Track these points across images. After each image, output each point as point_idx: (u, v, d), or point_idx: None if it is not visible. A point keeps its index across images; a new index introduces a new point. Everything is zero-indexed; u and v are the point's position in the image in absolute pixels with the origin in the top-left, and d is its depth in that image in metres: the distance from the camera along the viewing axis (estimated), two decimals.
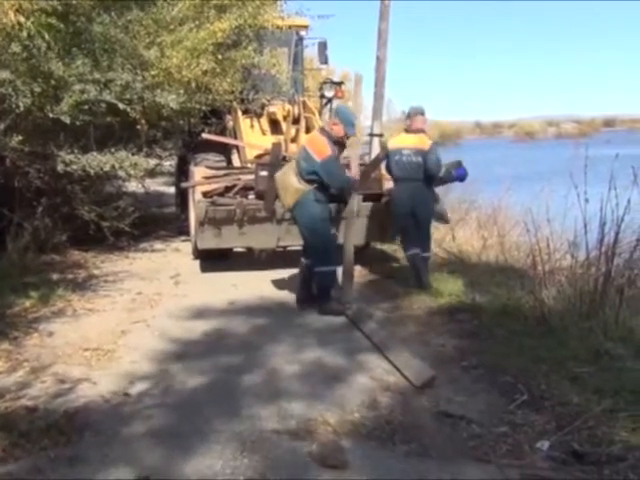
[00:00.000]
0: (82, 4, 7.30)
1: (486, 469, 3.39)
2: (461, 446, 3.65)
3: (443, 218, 7.99)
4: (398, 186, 7.23)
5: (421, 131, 7.28)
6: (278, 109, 9.40)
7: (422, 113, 7.45)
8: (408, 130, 7.36)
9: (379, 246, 9.18)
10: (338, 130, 6.27)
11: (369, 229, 7.92)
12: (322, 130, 6.49)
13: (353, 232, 7.04)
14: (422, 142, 7.14)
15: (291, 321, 6.07)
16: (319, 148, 6.18)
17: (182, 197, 10.03)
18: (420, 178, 7.03)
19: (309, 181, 6.16)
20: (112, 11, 7.77)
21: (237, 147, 9.45)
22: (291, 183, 6.18)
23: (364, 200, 7.69)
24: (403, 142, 7.26)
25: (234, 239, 7.65)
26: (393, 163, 7.21)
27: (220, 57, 8.78)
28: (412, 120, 7.36)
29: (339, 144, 6.35)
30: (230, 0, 8.87)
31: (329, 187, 6.24)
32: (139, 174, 8.46)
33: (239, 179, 7.91)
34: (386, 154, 7.40)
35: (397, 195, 7.24)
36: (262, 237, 7.55)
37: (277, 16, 10.06)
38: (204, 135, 8.89)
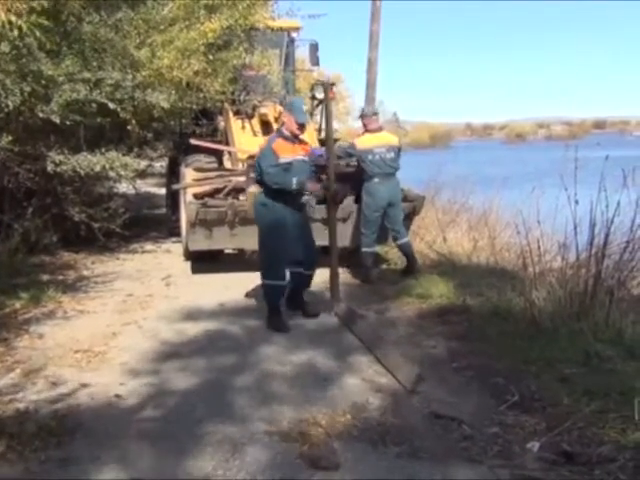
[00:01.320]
0: (72, 4, 7.28)
1: (477, 470, 3.40)
2: (452, 447, 3.66)
3: None
4: (375, 183, 7.52)
5: (381, 129, 7.89)
6: (269, 110, 9.40)
7: (376, 113, 8.12)
8: (370, 130, 7.73)
9: None
10: (289, 122, 5.94)
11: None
12: (276, 130, 6.36)
13: (345, 234, 7.05)
14: (390, 139, 7.81)
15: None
16: (261, 147, 6.13)
17: (173, 198, 10.01)
18: (394, 171, 7.63)
19: (258, 183, 6.05)
20: (102, 10, 7.74)
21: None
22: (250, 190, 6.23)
23: (356, 202, 7.72)
24: (372, 141, 7.62)
25: (225, 240, 7.65)
26: (368, 162, 7.50)
27: (211, 57, 8.77)
28: (369, 121, 7.78)
29: (295, 138, 5.99)
30: (220, 0, 8.84)
31: (269, 186, 5.83)
32: (130, 175, 8.44)
33: (230, 180, 7.91)
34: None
35: (376, 191, 7.52)
36: (253, 238, 7.51)
37: (268, 17, 10.06)
38: (192, 141, 8.90)
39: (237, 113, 9.55)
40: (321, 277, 6.63)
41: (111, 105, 7.57)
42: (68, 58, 7.28)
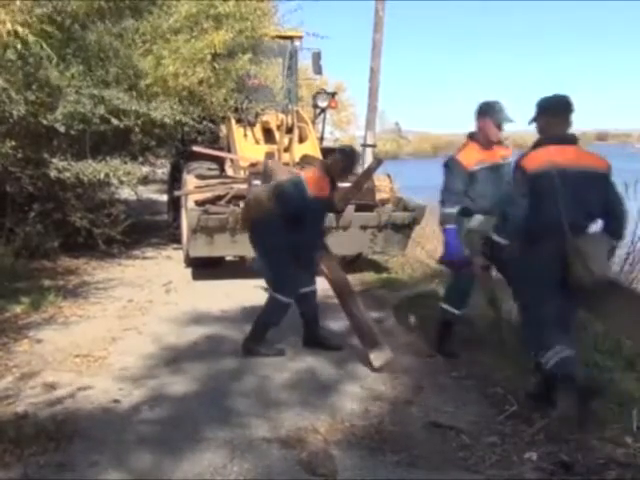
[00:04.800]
0: (77, 12, 7.32)
1: (475, 479, 3.40)
2: (450, 456, 3.66)
3: None
4: None
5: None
6: (272, 118, 9.43)
7: None
8: None
9: (370, 256, 9.20)
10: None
11: (361, 240, 7.96)
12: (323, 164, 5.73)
13: (345, 243, 7.06)
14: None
15: (282, 329, 6.05)
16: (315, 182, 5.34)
17: (174, 205, 10.03)
18: None
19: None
20: (107, 19, 7.77)
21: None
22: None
23: (356, 210, 7.73)
24: None
25: (226, 247, 7.66)
26: None
27: (216, 66, 8.80)
28: None
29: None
30: (229, 10, 8.85)
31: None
32: (132, 182, 8.46)
33: (232, 188, 7.93)
34: (379, 164, 7.44)
35: None
36: None
37: (274, 29, 10.13)
38: (194, 147, 8.92)
39: (239, 121, 9.58)
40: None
41: (114, 121, 7.60)
42: (73, 66, 7.31)
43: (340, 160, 5.44)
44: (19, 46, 6.35)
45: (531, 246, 4.03)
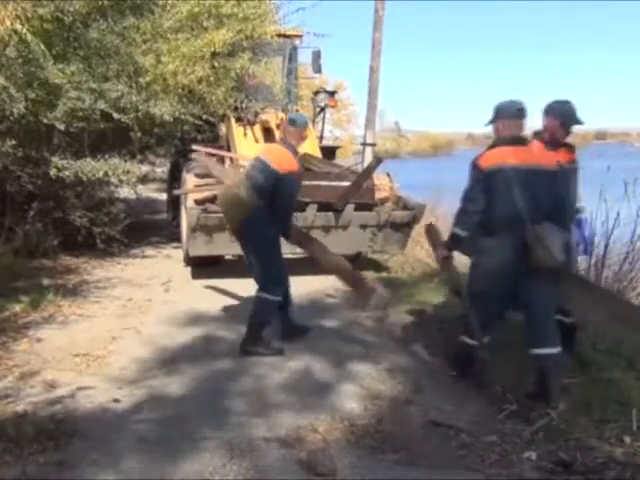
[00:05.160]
0: (79, 11, 7.31)
1: (474, 478, 3.41)
2: (450, 455, 3.67)
3: None
4: None
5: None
6: (271, 117, 9.43)
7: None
8: None
9: (370, 255, 9.20)
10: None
11: (361, 239, 7.96)
12: (283, 141, 5.54)
13: (345, 242, 7.04)
14: None
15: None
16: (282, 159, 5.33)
17: (174, 204, 10.02)
18: None
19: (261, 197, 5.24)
20: (108, 17, 7.77)
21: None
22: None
23: (356, 210, 7.73)
24: None
25: (225, 246, 7.65)
26: None
27: (216, 64, 8.79)
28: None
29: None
30: (230, 10, 8.85)
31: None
32: (132, 180, 8.46)
33: None
34: (378, 163, 7.44)
35: None
36: None
37: (275, 29, 10.11)
38: (194, 147, 8.91)
39: (239, 120, 9.58)
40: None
41: (115, 115, 7.60)
42: (73, 64, 7.31)
43: (290, 126, 5.47)
44: (20, 42, 6.34)
45: (489, 237, 4.36)
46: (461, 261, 5.24)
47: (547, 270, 4.22)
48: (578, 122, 4.87)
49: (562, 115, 4.82)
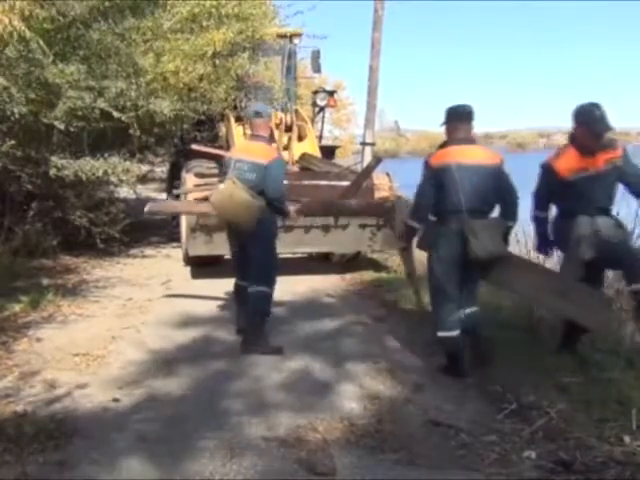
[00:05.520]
0: (81, 13, 7.31)
1: (474, 477, 3.40)
2: (449, 454, 3.66)
3: None
4: None
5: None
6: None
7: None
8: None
9: (370, 255, 9.20)
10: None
11: (360, 238, 7.96)
12: (255, 137, 5.59)
13: (344, 242, 7.03)
14: None
15: (279, 328, 6.07)
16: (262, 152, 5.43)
17: None
18: None
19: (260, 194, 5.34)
20: (109, 18, 7.77)
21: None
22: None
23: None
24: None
25: (225, 246, 7.63)
26: None
27: (217, 62, 8.80)
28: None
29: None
30: (230, 11, 8.85)
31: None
32: (131, 180, 8.46)
33: None
34: (378, 162, 7.45)
35: None
36: None
37: (275, 30, 10.13)
38: (193, 146, 8.92)
39: (238, 119, 9.59)
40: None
41: (115, 114, 7.60)
42: (73, 64, 7.30)
43: (257, 119, 5.58)
44: (19, 41, 6.34)
45: (440, 228, 4.80)
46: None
47: (479, 260, 4.63)
48: (605, 128, 4.70)
49: (586, 121, 4.69)
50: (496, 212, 4.96)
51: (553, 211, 5.11)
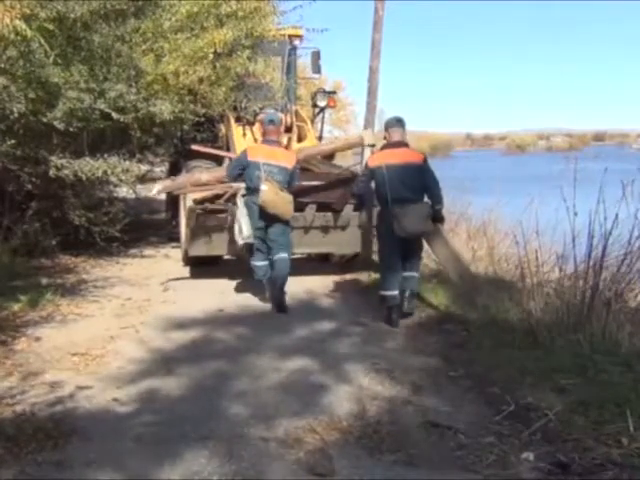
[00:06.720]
0: (83, 15, 7.30)
1: (472, 478, 3.41)
2: (448, 455, 3.67)
3: None
4: None
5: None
6: None
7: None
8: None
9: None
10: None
11: (359, 239, 7.96)
12: (268, 141, 6.95)
13: (344, 242, 7.01)
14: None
15: (279, 328, 6.08)
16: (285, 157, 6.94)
17: (173, 204, 10.02)
18: None
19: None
20: (110, 21, 7.75)
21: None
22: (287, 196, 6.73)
23: (355, 210, 7.73)
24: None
25: (224, 246, 7.66)
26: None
27: (217, 64, 8.79)
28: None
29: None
30: (230, 10, 8.84)
31: None
32: (131, 180, 8.46)
33: (230, 186, 7.91)
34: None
35: None
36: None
37: (274, 28, 10.11)
38: (193, 146, 8.91)
39: (238, 120, 9.58)
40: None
41: (115, 115, 7.60)
42: (74, 65, 7.30)
43: (270, 126, 6.99)
44: (20, 41, 6.34)
45: (380, 212, 6.44)
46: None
47: (404, 237, 6.06)
48: None
49: None
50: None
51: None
